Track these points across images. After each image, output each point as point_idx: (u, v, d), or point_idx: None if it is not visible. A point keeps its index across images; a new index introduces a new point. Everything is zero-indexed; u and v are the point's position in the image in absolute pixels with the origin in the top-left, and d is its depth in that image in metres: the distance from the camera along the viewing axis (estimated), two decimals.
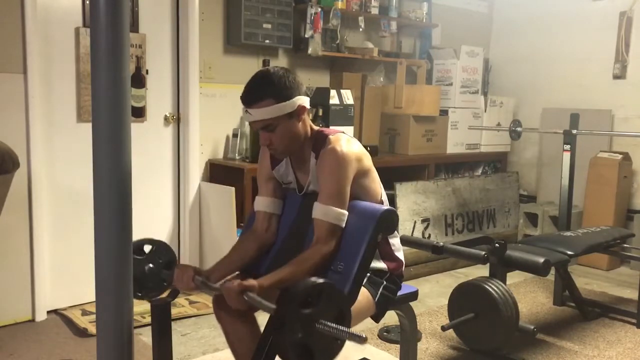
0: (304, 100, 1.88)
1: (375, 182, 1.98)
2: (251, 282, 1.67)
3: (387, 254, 2.00)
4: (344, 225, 1.82)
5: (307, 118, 1.95)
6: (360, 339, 1.37)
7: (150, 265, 1.92)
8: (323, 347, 1.46)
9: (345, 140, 1.88)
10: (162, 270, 1.94)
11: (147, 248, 1.94)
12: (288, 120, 1.85)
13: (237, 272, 2.00)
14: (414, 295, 2.19)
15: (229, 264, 1.99)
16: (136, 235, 1.46)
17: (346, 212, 1.83)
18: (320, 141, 1.90)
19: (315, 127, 1.99)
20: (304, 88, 1.90)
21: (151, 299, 1.90)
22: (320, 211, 1.81)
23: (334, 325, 1.42)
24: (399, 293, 2.06)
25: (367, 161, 1.94)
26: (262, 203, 2.04)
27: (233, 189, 3.45)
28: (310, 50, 3.97)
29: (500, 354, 2.81)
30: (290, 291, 1.45)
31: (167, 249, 1.97)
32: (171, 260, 1.97)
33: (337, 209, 1.81)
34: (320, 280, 1.48)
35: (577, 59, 4.92)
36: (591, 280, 4.19)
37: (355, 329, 1.49)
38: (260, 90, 1.82)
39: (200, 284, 1.84)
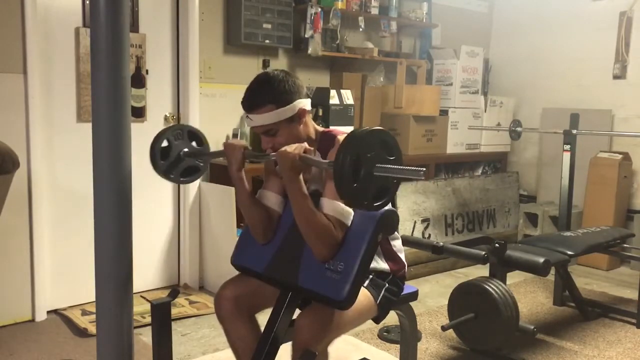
0: (305, 103, 1.89)
1: None
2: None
3: (390, 255, 2.01)
4: (349, 223, 1.82)
5: (309, 120, 1.96)
6: (418, 173, 1.43)
7: (186, 149, 1.95)
8: (370, 189, 1.53)
9: None
10: (197, 155, 1.96)
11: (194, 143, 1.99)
12: (289, 124, 1.86)
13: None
14: (414, 296, 2.19)
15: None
16: (136, 236, 1.46)
17: (352, 212, 1.82)
18: (327, 141, 1.90)
19: (320, 128, 1.99)
20: (304, 90, 1.90)
21: (164, 175, 1.93)
22: (328, 206, 1.80)
23: (391, 166, 1.50)
24: None
25: None
26: (265, 196, 2.04)
27: (233, 189, 3.44)
28: (310, 50, 3.97)
29: (500, 354, 2.81)
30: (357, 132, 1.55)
31: (204, 155, 1.99)
32: (203, 155, 1.99)
33: (344, 206, 1.80)
34: (383, 129, 1.58)
35: (577, 59, 4.92)
36: (591, 280, 4.19)
37: (356, 330, 1.48)
38: (261, 95, 1.83)
39: (250, 155, 1.89)
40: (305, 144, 1.73)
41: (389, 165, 1.50)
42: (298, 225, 1.79)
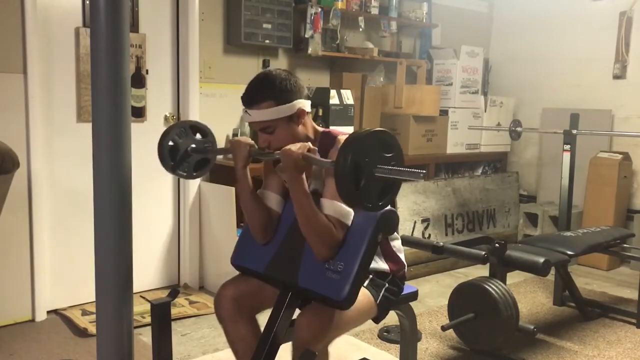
0: (305, 104, 1.89)
1: None
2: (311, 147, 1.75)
3: (389, 255, 2.01)
4: (350, 223, 1.82)
5: (309, 121, 1.95)
6: (417, 174, 1.45)
7: (193, 145, 2.03)
8: (373, 191, 1.54)
9: None
10: (205, 151, 2.05)
11: (198, 136, 2.06)
12: (287, 123, 1.86)
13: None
14: (414, 296, 2.19)
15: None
16: (136, 236, 1.46)
17: (352, 212, 1.82)
18: (327, 142, 1.90)
19: (321, 129, 1.99)
20: (305, 91, 1.91)
21: (178, 174, 2.03)
22: (328, 207, 1.80)
23: (391, 167, 1.51)
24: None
25: None
26: (264, 196, 2.04)
27: (233, 189, 3.44)
28: (310, 50, 3.97)
29: (500, 354, 2.81)
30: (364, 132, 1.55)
31: (214, 146, 2.08)
32: (211, 152, 2.07)
33: (345, 206, 1.80)
34: (384, 130, 1.57)
35: (577, 59, 4.92)
36: (591, 280, 4.19)
37: (356, 330, 1.49)
38: (261, 91, 1.83)
39: (256, 152, 1.90)
40: (309, 144, 1.75)
41: (390, 167, 1.51)
42: (299, 224, 1.79)
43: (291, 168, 1.71)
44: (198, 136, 2.06)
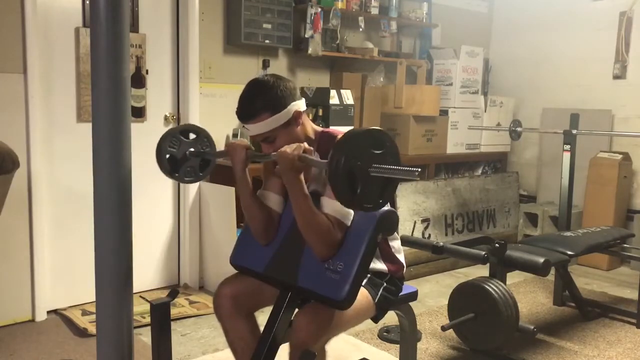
0: (299, 105, 1.89)
1: None
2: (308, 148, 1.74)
3: (388, 256, 2.00)
4: (349, 224, 1.82)
5: (306, 120, 1.95)
6: (412, 173, 1.45)
7: (192, 149, 2.02)
8: (371, 191, 1.54)
9: None
10: (203, 154, 2.03)
11: (191, 135, 2.05)
12: (286, 128, 1.86)
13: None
14: (413, 296, 2.19)
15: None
16: (136, 236, 1.46)
17: (352, 212, 1.82)
18: (326, 141, 1.90)
19: (319, 128, 1.98)
20: (297, 92, 1.90)
21: (186, 181, 2.03)
22: (328, 206, 1.80)
23: (386, 166, 1.51)
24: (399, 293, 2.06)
25: None
26: (264, 197, 2.04)
27: (233, 189, 3.44)
28: (310, 50, 3.98)
29: (500, 354, 2.81)
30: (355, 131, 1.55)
31: (210, 141, 2.06)
32: (208, 154, 2.05)
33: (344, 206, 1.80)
34: (383, 130, 1.58)
35: (577, 59, 4.92)
36: (591, 280, 4.19)
37: (356, 330, 1.48)
38: (254, 105, 1.83)
39: (253, 155, 1.91)
40: (305, 144, 1.74)
41: (384, 166, 1.51)
42: (298, 224, 1.79)
43: (288, 169, 1.71)
44: (192, 136, 2.04)
